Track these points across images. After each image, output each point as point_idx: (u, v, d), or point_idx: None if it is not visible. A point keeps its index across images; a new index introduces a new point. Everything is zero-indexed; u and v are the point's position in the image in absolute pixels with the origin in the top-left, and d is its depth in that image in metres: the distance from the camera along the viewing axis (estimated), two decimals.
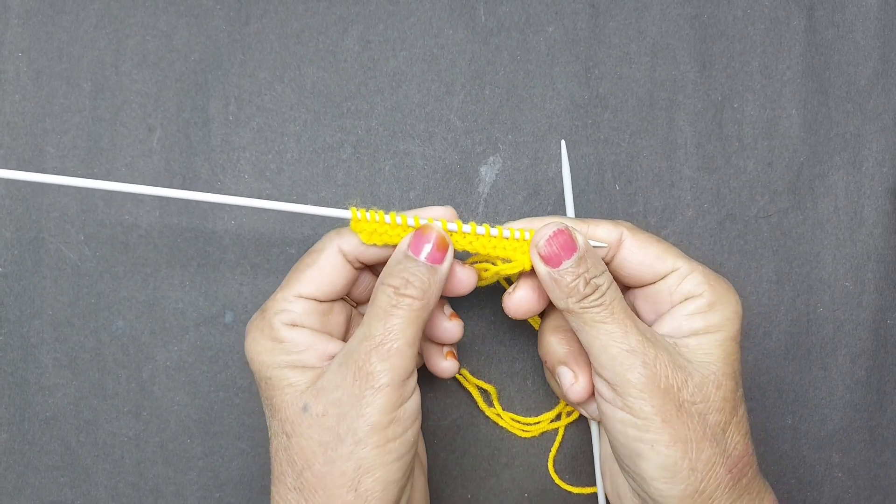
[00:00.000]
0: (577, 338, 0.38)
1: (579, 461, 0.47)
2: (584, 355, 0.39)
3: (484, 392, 0.46)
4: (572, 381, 0.39)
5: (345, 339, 0.41)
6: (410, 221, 0.37)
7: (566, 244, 0.36)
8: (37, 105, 0.46)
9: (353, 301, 0.42)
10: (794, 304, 0.47)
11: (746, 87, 0.47)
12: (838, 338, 0.47)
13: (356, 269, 0.39)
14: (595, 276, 0.36)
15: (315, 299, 0.38)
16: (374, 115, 0.46)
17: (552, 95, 0.47)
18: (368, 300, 0.38)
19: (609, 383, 0.36)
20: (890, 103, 0.48)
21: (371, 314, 0.36)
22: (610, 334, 0.35)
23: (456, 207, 0.46)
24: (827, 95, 0.48)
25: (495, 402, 0.46)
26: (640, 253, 0.38)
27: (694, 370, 0.36)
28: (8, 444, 0.46)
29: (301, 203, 0.46)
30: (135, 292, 0.46)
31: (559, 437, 0.47)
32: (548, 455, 0.47)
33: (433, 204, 0.45)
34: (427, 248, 0.36)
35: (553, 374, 0.40)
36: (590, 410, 0.40)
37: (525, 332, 0.47)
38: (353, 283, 0.40)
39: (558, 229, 0.36)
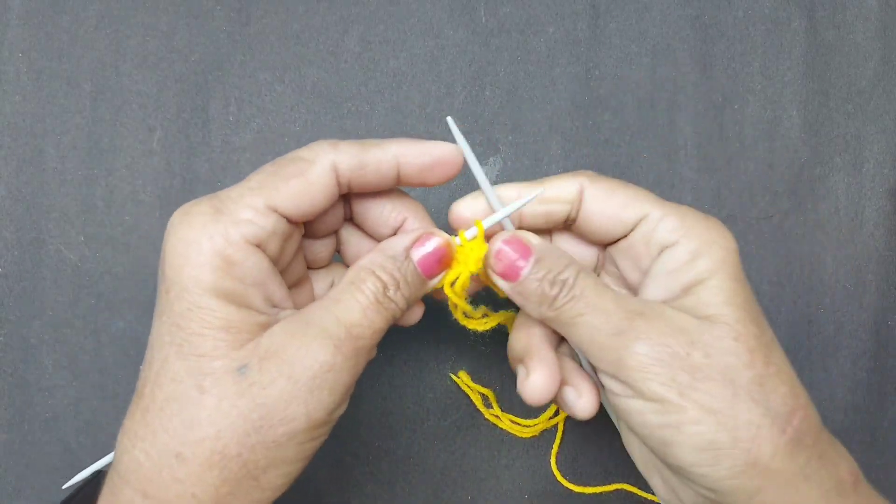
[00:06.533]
0: (570, 362, 0.35)
1: (580, 462, 0.47)
2: (577, 370, 0.35)
3: (483, 394, 0.46)
4: (576, 399, 0.35)
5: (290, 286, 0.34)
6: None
7: (518, 250, 0.33)
8: (37, 105, 0.46)
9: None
10: (794, 306, 0.47)
11: (747, 88, 0.47)
12: (839, 339, 0.47)
13: (341, 195, 0.33)
14: (559, 273, 0.32)
15: (288, 219, 0.31)
16: (374, 116, 0.46)
17: (552, 96, 0.47)
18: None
19: (611, 375, 0.32)
20: (891, 104, 0.48)
21: (352, 297, 0.31)
22: (592, 325, 0.31)
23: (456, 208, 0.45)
24: (828, 97, 0.48)
25: (494, 405, 0.46)
26: (603, 203, 0.34)
27: (702, 328, 0.31)
28: (8, 445, 0.46)
29: None
30: (135, 293, 0.46)
31: (559, 434, 0.47)
32: (548, 456, 0.47)
33: (433, 203, 0.45)
34: (429, 260, 0.33)
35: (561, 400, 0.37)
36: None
37: None
38: (328, 213, 0.34)
39: (503, 241, 0.33)
